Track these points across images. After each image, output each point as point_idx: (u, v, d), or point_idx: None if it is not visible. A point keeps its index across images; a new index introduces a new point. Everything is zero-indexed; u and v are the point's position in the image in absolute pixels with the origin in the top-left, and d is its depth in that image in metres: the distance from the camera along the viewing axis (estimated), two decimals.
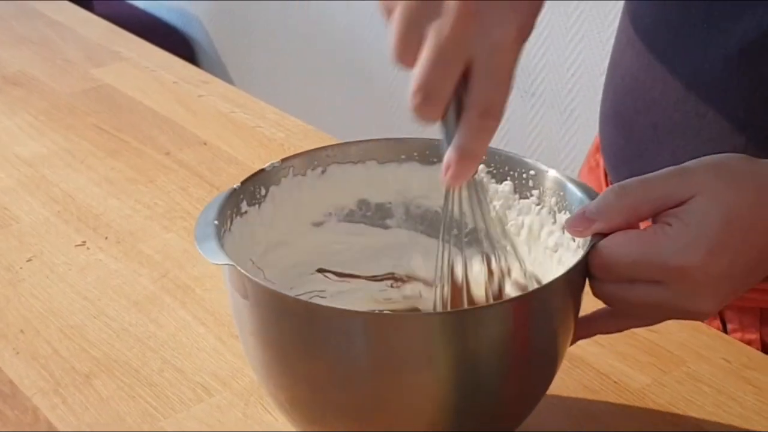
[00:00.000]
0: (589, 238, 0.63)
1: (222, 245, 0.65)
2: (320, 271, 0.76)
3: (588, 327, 0.66)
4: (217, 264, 0.63)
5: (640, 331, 0.79)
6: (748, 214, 0.61)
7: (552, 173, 0.70)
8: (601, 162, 0.94)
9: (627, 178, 0.64)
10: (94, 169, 1.05)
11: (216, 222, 0.66)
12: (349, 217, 0.76)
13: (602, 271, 0.62)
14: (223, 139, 1.11)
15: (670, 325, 0.80)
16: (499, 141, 1.91)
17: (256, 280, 0.61)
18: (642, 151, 0.84)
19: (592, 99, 1.73)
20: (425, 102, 0.57)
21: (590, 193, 0.67)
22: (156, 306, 0.84)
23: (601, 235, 0.62)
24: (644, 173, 0.63)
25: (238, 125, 1.14)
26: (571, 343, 0.66)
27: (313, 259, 0.76)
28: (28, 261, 0.90)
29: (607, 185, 0.91)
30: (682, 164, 0.63)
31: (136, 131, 1.12)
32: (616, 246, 0.61)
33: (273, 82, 2.44)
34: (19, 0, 1.50)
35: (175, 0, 2.67)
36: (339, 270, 0.76)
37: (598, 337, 0.78)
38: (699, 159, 0.64)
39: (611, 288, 0.63)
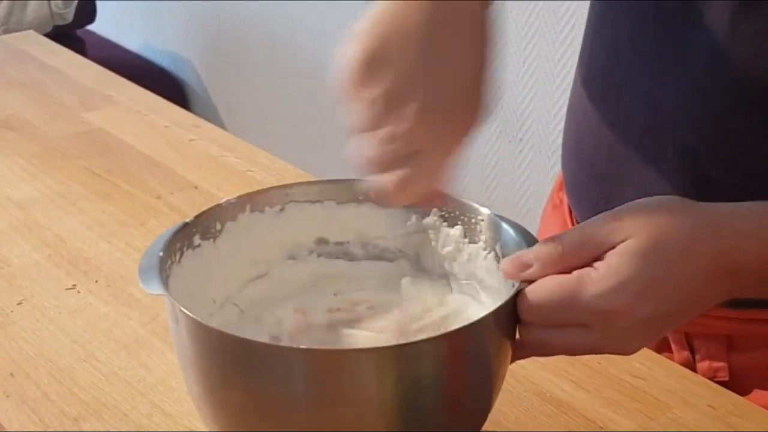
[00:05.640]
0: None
1: (167, 276, 0.67)
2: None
3: (523, 349, 0.67)
4: (153, 294, 0.65)
5: (627, 378, 0.80)
6: (678, 259, 0.62)
7: (496, 220, 0.71)
8: (565, 199, 0.95)
9: (591, 213, 0.65)
10: (85, 213, 1.05)
11: (161, 254, 0.67)
12: (319, 251, 0.77)
13: (530, 314, 0.63)
14: (214, 183, 1.12)
15: (657, 372, 0.81)
16: (487, 186, 1.93)
17: (186, 311, 0.62)
18: (605, 187, 0.85)
19: None
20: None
21: (528, 239, 0.68)
22: (145, 350, 0.85)
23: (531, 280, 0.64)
24: (608, 209, 0.65)
25: (229, 169, 1.15)
26: (511, 362, 0.67)
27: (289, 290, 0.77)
28: (18, 304, 0.91)
29: (572, 222, 0.93)
30: (618, 208, 0.64)
31: (128, 175, 1.13)
32: (542, 290, 0.62)
33: (264, 125, 2.46)
34: (11, 44, 1.51)
35: (167, 43, 2.69)
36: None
37: (585, 383, 0.79)
38: (635, 202, 0.65)
39: (539, 333, 0.64)
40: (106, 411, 0.78)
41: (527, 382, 0.79)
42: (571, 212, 0.93)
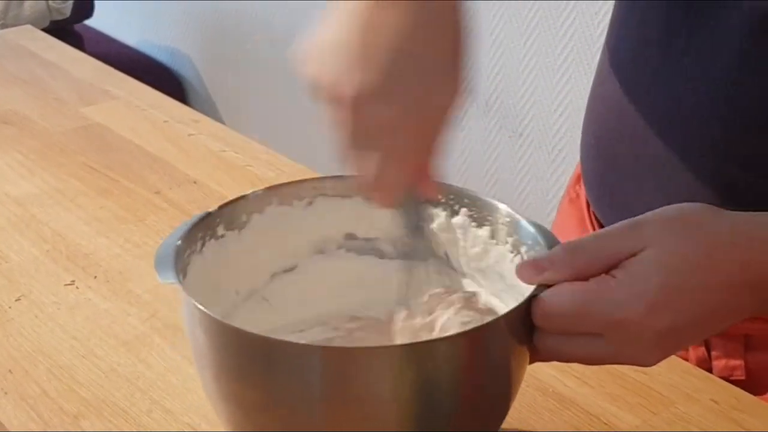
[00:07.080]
0: None
1: (186, 265, 0.66)
2: None
3: (537, 354, 0.65)
4: (165, 282, 0.64)
5: (630, 373, 0.79)
6: (698, 271, 0.61)
7: (519, 220, 0.71)
8: (582, 193, 0.94)
9: (609, 207, 0.64)
10: (84, 208, 1.05)
11: (179, 242, 0.66)
12: (348, 247, 0.77)
13: (544, 321, 0.62)
14: (213, 178, 1.11)
15: (660, 366, 0.80)
16: (488, 180, 1.92)
17: (197, 304, 0.61)
18: (624, 180, 0.85)
19: (579, 139, 1.74)
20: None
21: (550, 241, 0.67)
22: (145, 346, 0.84)
23: (547, 285, 0.62)
24: (627, 202, 0.64)
25: (228, 164, 1.14)
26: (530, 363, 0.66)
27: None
28: (17, 300, 0.90)
29: (589, 216, 0.92)
30: (638, 216, 0.63)
31: (127, 170, 1.13)
32: (558, 296, 0.61)
33: (263, 121, 2.45)
34: (9, 39, 1.51)
35: (165, 38, 2.68)
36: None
37: (588, 379, 0.79)
38: (657, 210, 0.64)
39: (553, 340, 0.63)
40: (106, 408, 0.77)
41: (530, 377, 0.79)
42: (588, 206, 0.92)
